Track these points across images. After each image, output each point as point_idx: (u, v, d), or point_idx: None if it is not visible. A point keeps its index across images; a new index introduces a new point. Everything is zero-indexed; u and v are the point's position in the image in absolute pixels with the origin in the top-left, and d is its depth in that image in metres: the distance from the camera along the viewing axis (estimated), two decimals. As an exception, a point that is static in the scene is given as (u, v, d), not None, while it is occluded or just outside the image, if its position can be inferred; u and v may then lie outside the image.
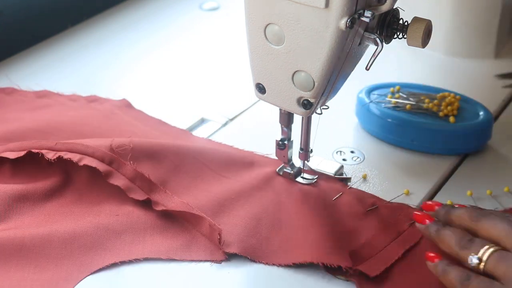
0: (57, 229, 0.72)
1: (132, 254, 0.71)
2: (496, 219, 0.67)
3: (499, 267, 0.64)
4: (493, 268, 0.65)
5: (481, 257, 0.65)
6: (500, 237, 0.66)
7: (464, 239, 0.68)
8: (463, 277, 0.65)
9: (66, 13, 1.14)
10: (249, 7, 0.72)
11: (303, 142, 0.81)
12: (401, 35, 0.73)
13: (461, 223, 0.70)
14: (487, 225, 0.67)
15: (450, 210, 0.72)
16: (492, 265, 0.65)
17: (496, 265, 0.64)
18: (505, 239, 0.65)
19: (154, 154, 0.81)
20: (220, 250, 0.72)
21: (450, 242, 0.69)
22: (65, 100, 0.96)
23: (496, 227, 0.67)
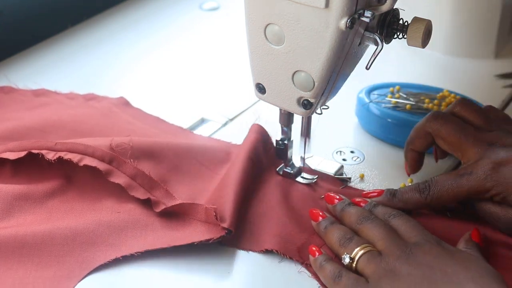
0: (58, 226, 0.72)
1: (133, 248, 0.72)
2: (377, 223, 0.72)
3: (368, 267, 0.68)
4: (363, 268, 0.69)
5: (353, 257, 0.70)
6: (374, 240, 0.70)
7: (344, 237, 0.72)
8: (336, 274, 0.69)
9: (66, 13, 1.14)
10: (249, 7, 0.72)
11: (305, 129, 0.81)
12: (401, 35, 0.73)
13: (348, 221, 0.74)
14: (367, 227, 0.72)
15: (345, 207, 0.76)
16: (362, 265, 0.69)
17: (365, 265, 0.69)
18: (378, 243, 0.70)
19: (154, 153, 0.81)
20: (218, 226, 0.73)
21: (332, 239, 0.73)
22: (63, 98, 0.96)
23: (373, 230, 0.71)
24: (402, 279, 0.66)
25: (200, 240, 0.72)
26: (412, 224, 0.72)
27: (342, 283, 0.68)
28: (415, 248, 0.68)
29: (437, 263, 0.66)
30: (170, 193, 0.77)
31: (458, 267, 0.66)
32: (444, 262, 0.66)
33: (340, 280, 0.69)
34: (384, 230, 0.71)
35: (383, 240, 0.70)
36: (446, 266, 0.66)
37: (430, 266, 0.66)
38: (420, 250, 0.68)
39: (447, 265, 0.66)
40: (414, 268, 0.66)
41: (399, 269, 0.67)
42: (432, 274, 0.66)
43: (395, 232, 0.71)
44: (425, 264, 0.67)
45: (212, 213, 0.73)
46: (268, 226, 0.76)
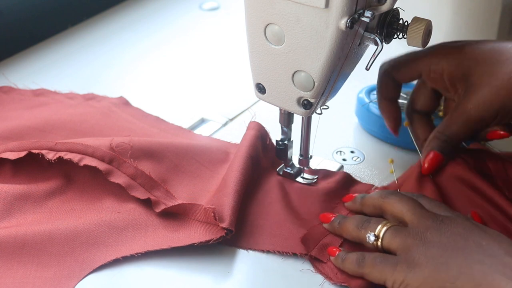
0: (59, 226, 0.73)
1: (133, 249, 0.72)
2: (402, 196, 0.71)
3: (394, 241, 0.67)
4: (389, 243, 0.68)
5: (378, 234, 0.69)
6: (403, 211, 0.69)
7: (361, 221, 0.71)
8: (359, 259, 0.68)
9: (66, 13, 1.14)
10: (249, 7, 0.72)
11: (304, 149, 0.81)
12: (401, 35, 0.73)
13: (372, 202, 0.73)
14: (393, 200, 0.71)
15: (365, 195, 0.76)
16: (387, 240, 0.68)
17: (391, 240, 0.68)
18: (406, 214, 0.69)
19: (154, 153, 0.81)
20: (217, 226, 0.73)
21: (349, 227, 0.72)
22: (63, 98, 0.96)
23: (400, 203, 0.70)
24: (433, 248, 0.64)
25: (200, 241, 0.72)
26: (438, 203, 0.71)
27: (369, 262, 0.67)
28: (446, 219, 0.67)
29: (471, 234, 0.65)
30: (170, 193, 0.77)
31: (492, 241, 0.65)
32: (478, 235, 0.65)
33: (364, 262, 0.67)
34: (412, 202, 0.69)
35: (411, 211, 0.68)
36: (481, 239, 0.65)
37: (464, 237, 0.65)
38: (451, 221, 0.67)
39: (481, 238, 0.65)
40: (447, 237, 0.65)
41: (430, 238, 0.65)
42: (467, 244, 0.64)
43: (422, 205, 0.70)
44: (458, 234, 0.65)
45: (210, 213, 0.73)
46: (268, 225, 0.76)
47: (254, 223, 0.76)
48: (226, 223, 0.73)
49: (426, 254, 0.64)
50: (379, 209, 0.72)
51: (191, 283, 0.71)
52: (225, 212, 0.74)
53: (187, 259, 0.72)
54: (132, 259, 0.72)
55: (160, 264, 0.72)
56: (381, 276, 0.66)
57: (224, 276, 0.72)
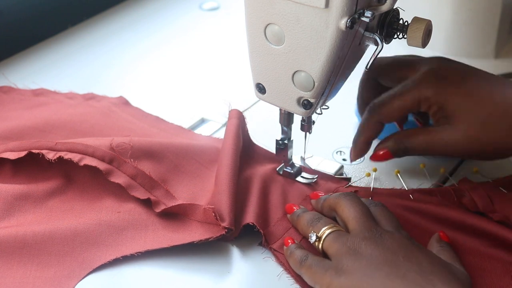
0: (58, 226, 0.73)
1: (133, 249, 0.72)
2: (354, 201, 0.72)
3: (332, 246, 0.69)
4: (327, 247, 0.70)
5: (320, 235, 0.70)
6: (349, 218, 0.71)
7: (313, 218, 0.73)
8: (303, 257, 0.70)
9: (66, 13, 1.14)
10: (249, 7, 0.72)
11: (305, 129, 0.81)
12: (401, 35, 0.73)
13: (328, 202, 0.75)
14: (344, 204, 0.72)
15: (326, 197, 0.77)
16: (327, 244, 0.70)
17: (330, 244, 0.69)
18: (352, 221, 0.70)
19: (154, 153, 0.81)
20: (218, 226, 0.73)
21: (303, 222, 0.74)
22: (62, 98, 0.96)
23: (350, 208, 0.71)
24: (363, 259, 0.66)
25: (200, 239, 0.73)
26: (390, 216, 0.72)
27: (307, 264, 0.69)
28: (385, 234, 0.68)
29: (403, 251, 0.66)
30: (170, 193, 0.77)
31: (424, 258, 0.66)
32: (410, 252, 0.66)
33: (305, 263, 0.69)
34: (360, 210, 0.71)
35: (355, 219, 0.70)
36: (411, 256, 0.66)
37: (395, 252, 0.66)
38: (389, 236, 0.68)
39: (413, 255, 0.66)
40: (378, 251, 0.66)
41: (363, 249, 0.67)
42: (395, 258, 0.65)
43: (369, 213, 0.71)
44: (390, 249, 0.66)
45: (211, 213, 0.73)
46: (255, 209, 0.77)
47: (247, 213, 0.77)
48: (227, 222, 0.73)
49: (355, 264, 0.66)
50: (333, 210, 0.74)
51: (190, 283, 0.71)
52: (224, 211, 0.74)
53: (186, 259, 0.72)
54: (132, 259, 0.72)
55: (159, 264, 0.72)
56: (312, 278, 0.68)
57: (223, 276, 0.72)
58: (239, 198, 0.77)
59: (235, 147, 0.81)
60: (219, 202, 0.75)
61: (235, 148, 0.81)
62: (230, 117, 0.86)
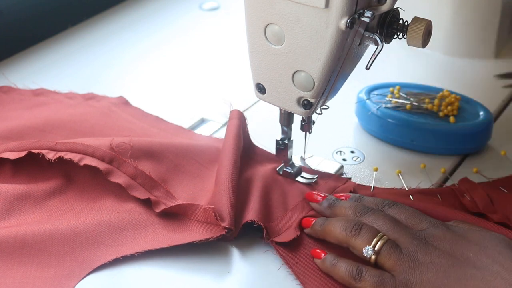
0: (58, 226, 0.72)
1: (133, 249, 0.72)
2: (378, 214, 0.71)
3: (389, 260, 0.67)
4: (384, 261, 0.67)
5: (377, 249, 0.68)
6: (383, 232, 0.69)
7: (352, 226, 0.70)
8: (354, 271, 0.68)
9: (66, 13, 1.14)
10: (249, 7, 0.72)
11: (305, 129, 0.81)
12: (401, 35, 0.73)
13: (345, 215, 0.72)
14: (368, 220, 0.70)
15: (333, 202, 0.75)
16: (384, 258, 0.67)
17: (387, 258, 0.67)
18: (388, 233, 0.69)
19: (154, 153, 0.81)
20: (218, 226, 0.73)
21: (336, 230, 0.71)
22: (62, 98, 0.96)
23: (377, 222, 0.70)
24: (428, 269, 0.65)
25: (200, 239, 0.73)
26: (411, 211, 0.72)
27: (367, 281, 0.67)
28: (427, 236, 0.68)
29: (457, 249, 0.66)
30: (170, 193, 0.77)
31: (478, 250, 0.66)
32: (463, 246, 0.66)
33: (363, 278, 0.67)
34: (389, 221, 0.70)
35: (391, 230, 0.69)
36: (467, 250, 0.66)
37: (452, 254, 0.66)
38: (433, 237, 0.67)
39: (467, 249, 0.66)
40: (437, 256, 0.66)
41: (421, 259, 0.66)
42: (456, 261, 0.65)
43: (399, 222, 0.70)
44: (445, 251, 0.66)
45: (211, 213, 0.73)
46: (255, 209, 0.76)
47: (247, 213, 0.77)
48: (227, 223, 0.73)
49: (422, 278, 0.65)
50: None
51: (190, 283, 0.71)
52: (224, 211, 0.74)
53: (186, 259, 0.72)
54: (132, 259, 0.72)
55: (159, 264, 0.72)
56: None
57: (223, 276, 0.72)
58: (240, 199, 0.77)
59: (235, 147, 0.81)
60: (219, 202, 0.75)
61: (236, 148, 0.81)
62: (231, 117, 0.86)
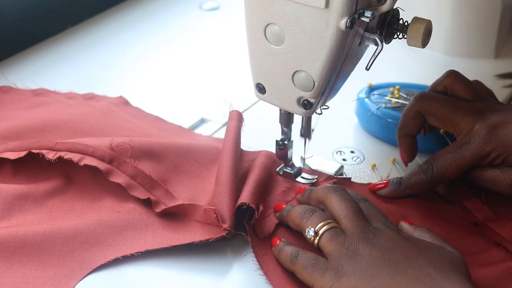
0: (59, 226, 0.73)
1: (133, 249, 0.72)
2: (344, 197, 0.72)
3: (329, 245, 0.69)
4: (324, 245, 0.69)
5: (317, 231, 0.70)
6: (341, 216, 0.70)
7: (306, 210, 0.72)
8: (293, 254, 0.70)
9: (66, 13, 1.14)
10: (249, 7, 0.72)
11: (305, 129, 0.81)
12: (401, 35, 0.73)
13: (316, 195, 0.75)
14: (335, 199, 0.72)
15: (312, 189, 0.77)
16: (324, 241, 0.69)
17: (327, 243, 0.69)
18: (344, 220, 0.70)
19: (154, 153, 0.81)
20: (219, 227, 0.73)
21: (294, 215, 0.73)
22: (62, 97, 0.96)
23: (341, 205, 0.71)
24: (363, 260, 0.66)
25: (200, 240, 0.73)
26: (376, 210, 0.73)
27: (300, 263, 0.69)
28: (377, 232, 0.69)
29: (398, 248, 0.67)
30: (170, 193, 0.77)
31: (418, 253, 0.67)
32: (405, 247, 0.67)
33: (297, 260, 0.69)
34: (351, 207, 0.71)
35: (347, 218, 0.70)
36: (407, 251, 0.67)
37: (391, 250, 0.67)
38: (382, 234, 0.69)
39: (408, 250, 0.67)
40: (376, 250, 0.67)
41: (361, 250, 0.67)
42: (393, 256, 0.66)
43: (362, 213, 0.71)
44: (386, 247, 0.67)
45: (212, 214, 0.73)
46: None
47: None
48: (228, 224, 0.73)
49: (355, 266, 0.66)
50: (322, 203, 0.74)
51: (190, 283, 0.71)
52: (225, 213, 0.74)
53: (186, 259, 0.72)
54: (132, 259, 0.72)
55: (159, 264, 0.72)
56: (310, 279, 0.68)
57: (223, 276, 0.72)
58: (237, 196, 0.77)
59: (235, 148, 0.81)
60: (220, 203, 0.75)
61: (235, 149, 0.81)
62: (231, 118, 0.86)
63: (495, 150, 0.75)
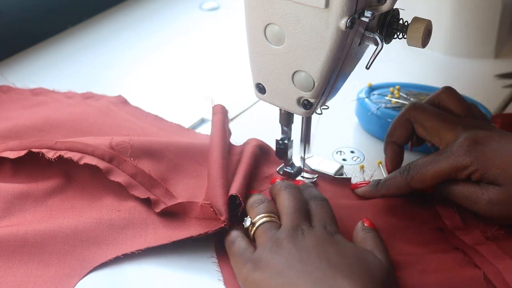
0: (59, 225, 0.73)
1: (134, 247, 0.72)
2: (293, 195, 0.74)
3: (261, 236, 0.71)
4: (257, 235, 0.71)
5: (255, 222, 0.72)
6: (282, 211, 0.73)
7: (256, 201, 0.75)
8: (232, 239, 0.72)
9: (66, 13, 1.14)
10: (249, 7, 0.72)
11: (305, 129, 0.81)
12: (401, 35, 0.73)
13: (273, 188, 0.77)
14: (284, 196, 0.74)
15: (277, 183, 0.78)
16: (258, 232, 0.71)
17: (260, 233, 0.71)
18: (283, 215, 0.72)
19: (153, 153, 0.81)
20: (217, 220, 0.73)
21: (248, 203, 0.75)
22: (61, 97, 0.96)
23: (286, 201, 0.73)
24: (281, 256, 0.67)
25: (199, 233, 0.73)
26: (325, 211, 0.73)
27: (232, 249, 0.71)
28: (308, 231, 0.70)
29: (319, 249, 0.68)
30: (170, 192, 0.77)
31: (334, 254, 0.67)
32: (324, 248, 0.68)
33: (232, 246, 0.71)
34: (295, 205, 0.72)
35: (287, 215, 0.71)
36: (325, 253, 0.67)
37: (309, 250, 0.67)
38: (311, 234, 0.69)
39: (325, 251, 0.67)
40: (296, 249, 0.68)
41: (283, 246, 0.68)
42: (307, 256, 0.67)
43: (305, 212, 0.72)
44: (306, 247, 0.68)
45: (209, 209, 0.74)
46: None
47: None
48: (225, 216, 0.73)
49: (272, 261, 0.67)
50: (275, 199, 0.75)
51: (190, 281, 0.71)
52: (221, 205, 0.74)
53: (187, 258, 0.72)
54: (132, 258, 0.72)
55: (160, 263, 0.72)
56: (234, 267, 0.70)
57: (224, 276, 0.72)
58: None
59: (222, 142, 0.82)
60: (214, 197, 0.75)
61: (223, 142, 0.82)
62: (215, 112, 0.87)
63: (474, 163, 0.73)
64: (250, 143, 0.85)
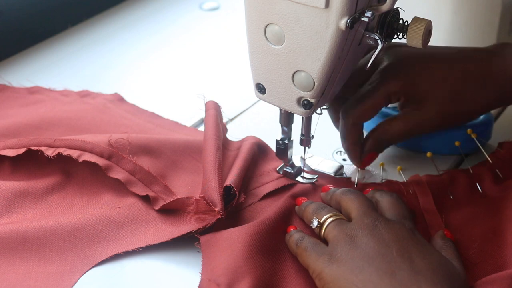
0: (59, 222, 0.73)
1: (134, 244, 0.72)
2: (358, 196, 0.73)
3: (331, 233, 0.70)
4: (327, 233, 0.71)
5: (322, 222, 0.72)
6: (352, 208, 0.72)
7: (318, 207, 0.74)
8: (299, 239, 0.71)
9: (66, 13, 1.14)
10: (249, 7, 0.72)
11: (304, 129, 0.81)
12: (401, 35, 0.73)
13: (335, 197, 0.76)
14: (349, 198, 0.73)
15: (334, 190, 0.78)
16: (328, 230, 0.71)
17: (330, 230, 0.70)
18: (353, 211, 0.71)
19: (152, 149, 0.81)
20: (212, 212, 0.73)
21: (308, 211, 0.75)
22: (57, 95, 0.96)
23: (353, 201, 0.72)
24: (358, 249, 0.66)
25: (198, 228, 0.73)
26: (399, 204, 0.73)
27: (302, 245, 0.70)
28: (384, 223, 0.68)
29: (398, 244, 0.66)
30: (169, 188, 0.77)
31: (417, 255, 0.66)
32: (405, 246, 0.66)
33: (300, 244, 0.70)
34: (362, 200, 0.72)
35: (357, 209, 0.71)
36: (405, 251, 0.66)
37: (389, 245, 0.66)
38: (388, 226, 0.68)
39: (407, 250, 0.66)
40: (374, 242, 0.66)
41: (359, 237, 0.67)
42: (388, 252, 0.65)
43: (373, 205, 0.72)
44: (386, 241, 0.66)
45: (202, 202, 0.74)
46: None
47: None
48: (220, 207, 0.73)
49: (349, 254, 0.66)
50: (339, 204, 0.75)
51: (191, 278, 0.71)
52: (216, 197, 0.74)
53: (187, 254, 0.73)
54: (133, 254, 0.72)
55: (161, 259, 0.72)
56: (306, 260, 0.69)
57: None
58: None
59: (216, 136, 0.81)
60: (209, 189, 0.75)
61: (217, 137, 0.81)
62: (207, 108, 0.86)
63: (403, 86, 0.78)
64: (248, 140, 0.85)
